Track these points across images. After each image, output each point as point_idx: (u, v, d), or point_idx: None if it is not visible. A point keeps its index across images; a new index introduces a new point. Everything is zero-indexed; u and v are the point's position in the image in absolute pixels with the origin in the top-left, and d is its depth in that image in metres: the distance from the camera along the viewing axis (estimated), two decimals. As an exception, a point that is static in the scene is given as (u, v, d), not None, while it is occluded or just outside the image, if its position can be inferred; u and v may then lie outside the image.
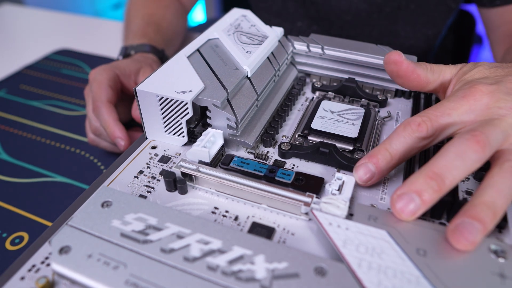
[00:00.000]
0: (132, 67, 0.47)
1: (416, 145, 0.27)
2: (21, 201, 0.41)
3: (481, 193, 0.23)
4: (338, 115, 0.35)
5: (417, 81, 0.31)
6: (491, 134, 0.25)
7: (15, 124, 0.53)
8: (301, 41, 0.41)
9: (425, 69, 0.31)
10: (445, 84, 0.32)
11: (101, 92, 0.43)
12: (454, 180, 0.24)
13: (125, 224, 0.24)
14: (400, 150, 0.27)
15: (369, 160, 0.27)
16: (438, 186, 0.23)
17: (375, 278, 0.21)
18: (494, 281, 0.21)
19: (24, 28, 0.82)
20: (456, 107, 0.27)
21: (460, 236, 0.22)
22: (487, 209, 0.23)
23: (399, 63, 0.31)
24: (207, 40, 0.38)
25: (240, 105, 0.32)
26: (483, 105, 0.27)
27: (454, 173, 0.24)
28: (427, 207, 0.24)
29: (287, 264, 0.22)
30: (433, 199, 0.24)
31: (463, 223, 0.22)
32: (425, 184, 0.23)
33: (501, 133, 0.25)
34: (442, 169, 0.24)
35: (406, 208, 0.24)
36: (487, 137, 0.24)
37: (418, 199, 0.23)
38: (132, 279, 0.21)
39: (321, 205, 0.26)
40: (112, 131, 0.41)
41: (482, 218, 0.22)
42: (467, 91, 0.27)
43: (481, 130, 0.25)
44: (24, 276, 0.23)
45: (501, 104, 0.26)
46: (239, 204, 0.28)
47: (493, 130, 0.25)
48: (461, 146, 0.24)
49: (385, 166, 0.27)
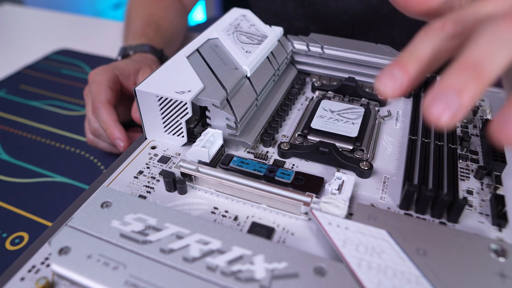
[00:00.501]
0: (131, 67, 0.47)
1: (446, 46, 0.22)
2: (21, 201, 0.41)
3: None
4: (338, 115, 0.35)
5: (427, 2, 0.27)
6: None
7: (15, 124, 0.53)
8: (300, 41, 0.41)
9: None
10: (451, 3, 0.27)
11: (100, 93, 0.43)
12: (494, 69, 0.19)
13: (124, 224, 0.24)
14: (429, 52, 0.21)
15: (393, 67, 0.22)
16: (477, 78, 0.19)
17: (375, 278, 0.21)
18: (494, 280, 0.21)
19: (24, 28, 0.82)
20: (482, 3, 0.22)
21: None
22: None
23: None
24: (207, 40, 0.38)
25: (239, 105, 0.32)
26: None
27: (494, 61, 0.19)
28: (470, 104, 0.19)
29: (286, 264, 0.22)
30: (474, 94, 0.19)
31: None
32: (461, 78, 0.19)
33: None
34: (478, 57, 0.19)
35: (447, 110, 0.19)
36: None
37: (456, 96, 0.19)
38: (132, 279, 0.21)
39: (321, 205, 0.26)
40: (111, 132, 0.41)
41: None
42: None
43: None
44: (24, 277, 0.23)
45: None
46: (238, 204, 0.28)
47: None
48: (495, 28, 0.20)
49: (414, 70, 0.21)
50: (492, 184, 0.29)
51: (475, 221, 0.26)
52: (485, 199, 0.28)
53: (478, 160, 0.32)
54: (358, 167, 0.30)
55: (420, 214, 0.27)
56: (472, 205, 0.28)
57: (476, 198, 0.28)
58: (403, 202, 0.27)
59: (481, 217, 0.27)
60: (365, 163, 0.30)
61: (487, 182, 0.29)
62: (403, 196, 0.27)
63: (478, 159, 0.32)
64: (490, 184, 0.29)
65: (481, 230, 0.26)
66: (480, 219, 0.26)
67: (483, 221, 0.26)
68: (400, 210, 0.27)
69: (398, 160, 0.32)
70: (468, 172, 0.30)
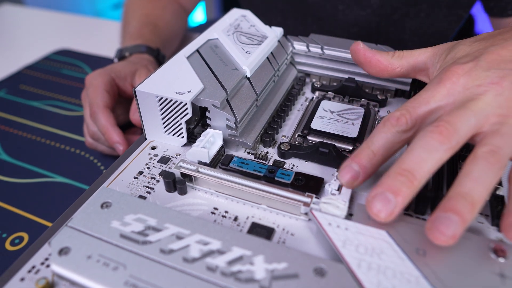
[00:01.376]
0: (128, 69, 0.47)
1: (398, 139, 0.26)
2: (21, 201, 0.41)
3: (457, 184, 0.22)
4: (337, 115, 0.35)
5: (379, 66, 0.32)
6: (458, 121, 0.24)
7: (15, 124, 0.53)
8: (300, 41, 0.41)
9: (387, 54, 0.32)
10: (421, 67, 0.31)
11: (97, 97, 0.43)
12: (424, 173, 0.23)
13: (124, 225, 0.24)
14: (382, 146, 0.26)
15: (352, 160, 0.26)
16: (409, 181, 0.23)
17: (375, 278, 0.21)
18: (494, 281, 0.21)
19: (24, 28, 0.82)
20: (434, 95, 0.26)
21: (436, 231, 0.21)
22: (463, 199, 0.22)
23: (357, 51, 0.33)
24: (207, 41, 0.38)
25: (239, 105, 0.32)
26: (461, 86, 0.25)
27: (423, 166, 0.23)
28: (404, 204, 0.23)
29: (286, 264, 0.22)
30: (408, 195, 0.23)
31: (438, 217, 0.22)
32: (396, 181, 0.23)
33: (474, 116, 0.24)
34: (410, 164, 0.23)
35: (384, 208, 0.23)
36: (452, 126, 0.23)
37: (393, 196, 0.23)
38: (132, 280, 0.21)
39: (321, 205, 0.26)
40: (110, 136, 0.41)
41: (458, 209, 0.21)
42: (443, 75, 0.26)
43: (447, 118, 0.24)
44: (24, 277, 0.23)
45: (479, 82, 0.25)
46: (238, 204, 0.28)
47: (463, 115, 0.24)
48: (425, 139, 0.23)
49: (368, 164, 0.26)
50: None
51: (475, 222, 0.26)
52: (484, 200, 0.28)
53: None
54: (358, 167, 0.30)
55: (420, 214, 0.27)
56: (471, 206, 0.28)
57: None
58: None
59: (481, 217, 0.27)
60: (365, 164, 0.30)
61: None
62: (403, 197, 0.27)
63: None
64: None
65: (480, 231, 0.26)
66: (479, 220, 0.27)
67: (483, 221, 0.26)
68: (400, 211, 0.27)
69: (398, 160, 0.32)
70: (468, 172, 0.30)
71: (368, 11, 0.61)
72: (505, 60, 0.26)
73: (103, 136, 0.42)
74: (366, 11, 0.62)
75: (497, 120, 0.24)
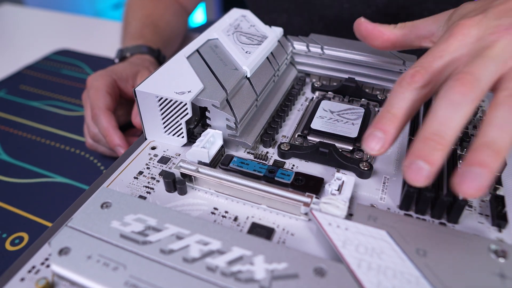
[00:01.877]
0: (129, 71, 0.47)
1: (417, 97, 0.25)
2: (21, 201, 0.41)
3: (479, 133, 0.22)
4: (337, 115, 0.35)
5: (382, 37, 0.32)
6: (479, 69, 0.23)
7: (15, 124, 0.53)
8: (300, 41, 0.41)
9: (389, 26, 0.32)
10: (425, 35, 0.31)
11: (99, 100, 0.43)
12: (453, 131, 0.23)
13: (124, 225, 0.24)
14: (402, 107, 0.25)
15: (374, 127, 0.25)
16: (440, 144, 0.22)
17: (375, 278, 0.21)
18: (494, 281, 0.21)
19: (24, 28, 0.82)
20: (446, 47, 0.26)
21: (464, 186, 0.21)
22: (486, 149, 0.21)
23: (359, 25, 0.33)
24: (207, 41, 0.38)
25: (239, 105, 0.32)
26: (473, 37, 0.25)
27: (451, 125, 0.23)
28: (438, 167, 0.22)
29: (286, 264, 0.22)
30: (440, 158, 0.22)
31: (465, 172, 0.21)
32: (426, 147, 0.22)
33: (492, 62, 0.24)
34: (437, 126, 0.23)
35: (419, 176, 0.22)
36: (473, 75, 0.23)
37: (425, 164, 0.22)
38: (132, 280, 0.21)
39: (321, 205, 0.26)
40: (111, 139, 0.41)
41: (483, 161, 0.21)
42: (453, 29, 0.26)
43: (466, 69, 0.23)
44: (24, 277, 0.23)
45: (491, 30, 0.25)
46: (238, 204, 0.28)
47: (481, 64, 0.23)
48: (448, 95, 0.23)
49: (392, 128, 0.25)
50: (492, 184, 0.29)
51: (475, 222, 0.26)
52: (485, 200, 0.28)
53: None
54: (358, 167, 0.30)
55: (420, 214, 0.27)
56: (472, 206, 0.28)
57: (476, 198, 0.28)
58: (403, 202, 0.27)
59: (481, 217, 0.27)
60: (365, 164, 0.30)
61: (487, 183, 0.29)
62: (403, 197, 0.27)
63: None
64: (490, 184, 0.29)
65: (481, 231, 0.26)
66: (480, 220, 0.27)
67: (483, 221, 0.26)
68: (400, 211, 0.27)
69: (398, 160, 0.32)
70: (468, 172, 0.30)
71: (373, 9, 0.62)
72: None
73: (104, 138, 0.42)
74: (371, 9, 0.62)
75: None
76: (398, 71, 0.38)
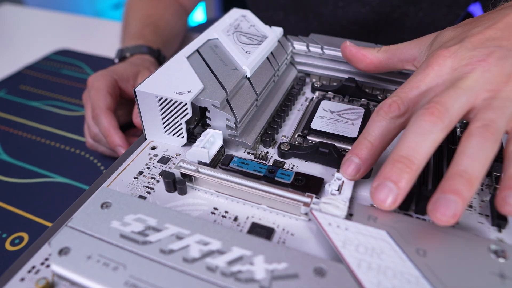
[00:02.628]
0: (130, 71, 0.47)
1: (393, 126, 0.26)
2: (21, 201, 0.41)
3: (453, 163, 0.23)
4: (337, 115, 0.35)
5: (365, 60, 0.33)
6: (449, 100, 0.24)
7: (15, 124, 0.53)
8: (300, 41, 0.41)
9: (373, 49, 0.33)
10: (408, 59, 0.32)
11: (100, 100, 0.43)
12: (421, 157, 0.23)
13: (124, 225, 0.24)
14: (378, 135, 0.26)
15: (351, 153, 0.27)
16: (408, 167, 0.23)
17: (375, 278, 0.21)
18: (494, 281, 0.21)
19: (24, 28, 0.82)
20: (423, 78, 0.26)
21: (438, 213, 0.22)
22: (460, 178, 0.22)
23: (344, 48, 0.34)
24: (207, 41, 0.38)
25: (239, 105, 0.32)
26: (448, 68, 0.26)
27: (419, 150, 0.23)
28: (406, 189, 0.23)
29: (286, 264, 0.22)
30: (408, 181, 0.23)
31: (438, 199, 0.22)
32: (395, 169, 0.23)
33: (463, 94, 0.24)
34: (406, 150, 0.23)
35: (387, 197, 0.23)
36: (442, 105, 0.24)
37: (393, 185, 0.23)
38: (132, 280, 0.21)
39: (321, 205, 0.26)
40: (112, 139, 0.41)
41: (456, 189, 0.22)
42: (430, 59, 0.27)
43: (437, 99, 0.24)
44: (24, 277, 0.23)
45: (466, 61, 0.25)
46: (238, 204, 0.28)
47: (452, 95, 0.24)
48: (418, 123, 0.24)
49: (368, 155, 0.26)
50: (492, 184, 0.29)
51: (475, 222, 0.26)
52: (484, 200, 0.28)
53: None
54: (358, 167, 0.30)
55: (420, 214, 0.27)
56: (471, 206, 0.28)
57: (476, 198, 0.28)
58: (403, 202, 0.27)
59: (481, 217, 0.27)
60: (365, 164, 0.30)
61: (487, 183, 0.29)
62: (403, 197, 0.27)
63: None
64: (490, 184, 0.29)
65: (481, 231, 0.26)
66: (479, 220, 0.26)
67: (483, 221, 0.26)
68: (400, 211, 0.27)
69: (398, 160, 0.32)
70: (468, 172, 0.30)
71: (367, 8, 0.62)
72: (489, 38, 0.26)
73: (104, 138, 0.42)
74: (366, 8, 0.62)
75: (487, 95, 0.24)
76: (397, 71, 0.38)
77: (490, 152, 0.22)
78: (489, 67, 0.25)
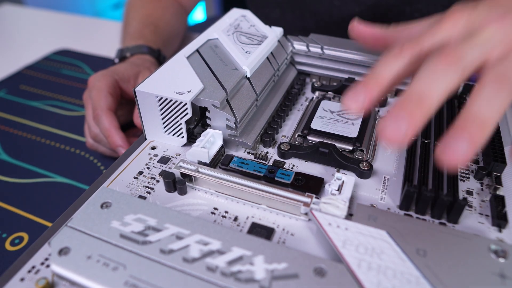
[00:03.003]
0: (131, 71, 0.47)
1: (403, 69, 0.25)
2: (21, 201, 0.41)
3: (465, 108, 0.22)
4: (337, 115, 0.35)
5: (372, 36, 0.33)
6: (464, 51, 0.23)
7: (15, 124, 0.53)
8: (300, 41, 0.41)
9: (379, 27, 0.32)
10: None
11: (100, 100, 0.43)
12: (434, 95, 0.22)
13: (124, 225, 0.24)
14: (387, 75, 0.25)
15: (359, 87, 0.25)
16: (420, 106, 0.22)
17: (375, 278, 0.21)
18: (494, 281, 0.21)
19: (24, 28, 0.82)
20: (437, 29, 0.26)
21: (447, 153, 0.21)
22: (471, 120, 0.21)
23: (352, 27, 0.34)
24: (207, 41, 0.38)
25: (239, 105, 0.32)
26: (464, 23, 0.26)
27: (432, 89, 0.22)
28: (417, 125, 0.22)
29: (286, 264, 0.22)
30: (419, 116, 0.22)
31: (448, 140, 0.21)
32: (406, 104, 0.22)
33: (478, 48, 0.24)
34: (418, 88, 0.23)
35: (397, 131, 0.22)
36: (457, 52, 0.23)
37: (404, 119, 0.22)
38: (132, 280, 0.21)
39: (321, 205, 0.26)
40: (113, 140, 0.41)
41: (467, 130, 0.21)
42: (445, 14, 0.26)
43: (452, 46, 0.24)
44: (24, 277, 0.23)
45: (481, 18, 0.25)
46: (238, 204, 0.28)
47: (467, 47, 0.24)
48: (431, 65, 0.23)
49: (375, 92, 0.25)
50: (492, 184, 0.29)
51: (475, 222, 0.26)
52: (485, 200, 0.28)
53: (478, 160, 0.32)
54: (358, 167, 0.30)
55: (420, 214, 0.27)
56: (472, 206, 0.28)
57: (476, 198, 0.28)
58: (403, 202, 0.27)
59: (481, 217, 0.27)
60: (365, 164, 0.30)
61: (487, 183, 0.29)
62: (403, 197, 0.27)
63: (478, 159, 0.32)
64: (490, 184, 0.29)
65: (481, 231, 0.26)
66: (480, 220, 0.27)
67: (483, 221, 0.26)
68: (400, 211, 0.27)
69: (398, 160, 0.32)
70: (468, 172, 0.30)
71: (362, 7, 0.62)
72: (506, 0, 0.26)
73: (105, 138, 0.42)
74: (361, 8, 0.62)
75: (502, 51, 0.24)
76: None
77: (503, 101, 0.22)
78: (505, 24, 0.24)
